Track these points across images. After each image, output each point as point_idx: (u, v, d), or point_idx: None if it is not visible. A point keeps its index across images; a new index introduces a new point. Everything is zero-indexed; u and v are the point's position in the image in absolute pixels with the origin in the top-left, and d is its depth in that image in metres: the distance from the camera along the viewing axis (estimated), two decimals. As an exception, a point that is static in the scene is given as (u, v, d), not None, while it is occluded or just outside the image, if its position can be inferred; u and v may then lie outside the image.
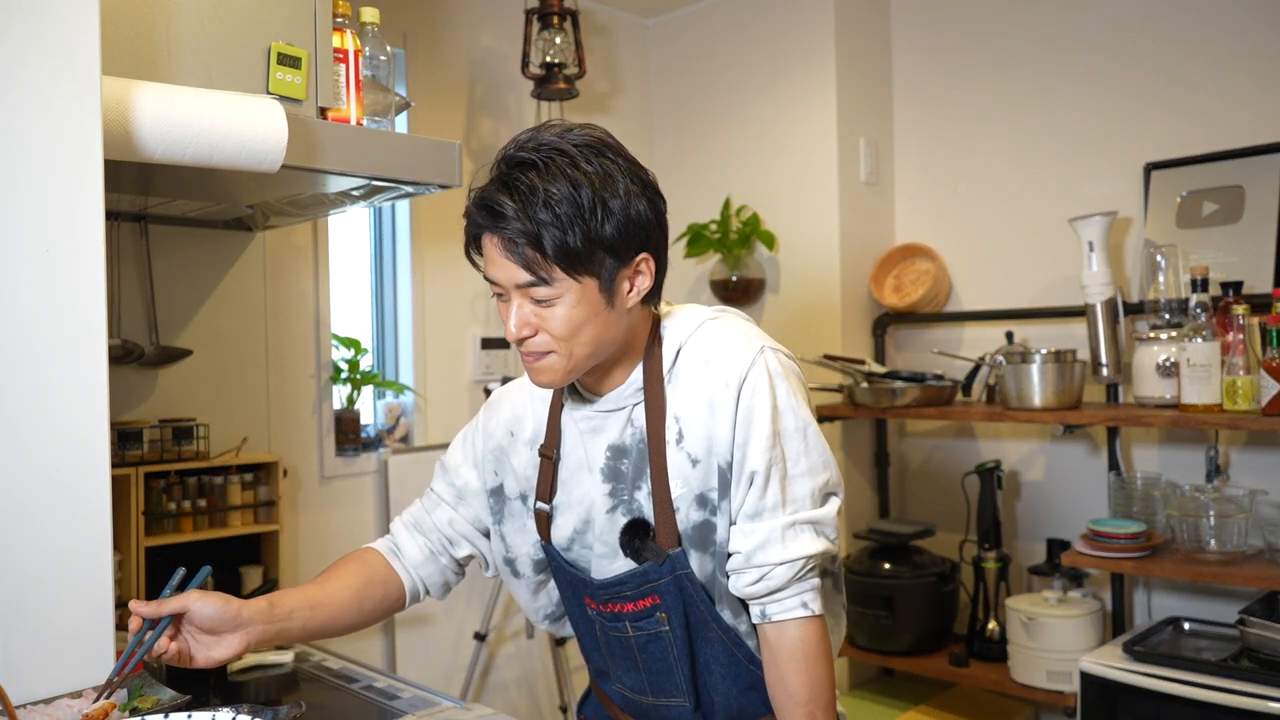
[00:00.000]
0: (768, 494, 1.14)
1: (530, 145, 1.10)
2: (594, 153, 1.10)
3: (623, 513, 1.19)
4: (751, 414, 1.13)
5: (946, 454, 3.02)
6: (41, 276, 1.15)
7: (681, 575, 1.17)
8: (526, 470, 1.29)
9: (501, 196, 1.07)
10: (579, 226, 1.06)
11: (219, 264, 2.28)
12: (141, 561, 1.96)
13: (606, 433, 1.21)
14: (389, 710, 1.57)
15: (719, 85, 3.23)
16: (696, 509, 1.16)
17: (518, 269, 1.08)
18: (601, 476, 1.21)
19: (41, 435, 1.15)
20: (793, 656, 1.14)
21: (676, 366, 1.18)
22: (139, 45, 1.37)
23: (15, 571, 1.13)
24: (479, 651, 2.68)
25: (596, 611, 1.24)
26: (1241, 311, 2.16)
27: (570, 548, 1.25)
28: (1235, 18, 2.47)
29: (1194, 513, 2.26)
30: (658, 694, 1.24)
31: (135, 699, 1.26)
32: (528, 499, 1.29)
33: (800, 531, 1.14)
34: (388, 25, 2.16)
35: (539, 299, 1.09)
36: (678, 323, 1.21)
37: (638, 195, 1.11)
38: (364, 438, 2.72)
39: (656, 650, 1.21)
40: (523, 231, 1.06)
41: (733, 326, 1.19)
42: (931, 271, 2.94)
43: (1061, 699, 2.40)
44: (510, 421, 1.32)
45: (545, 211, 1.05)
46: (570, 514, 1.24)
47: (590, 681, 1.41)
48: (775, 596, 1.14)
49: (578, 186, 1.06)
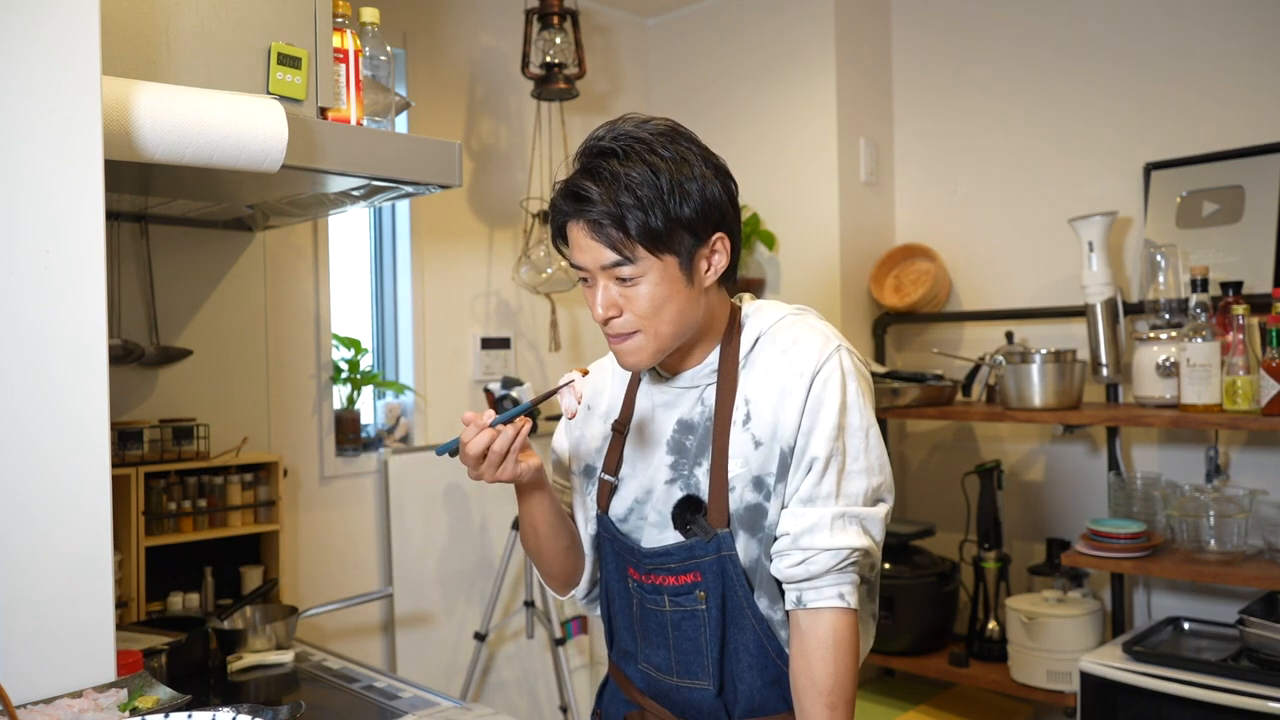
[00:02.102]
0: (824, 482, 1.17)
1: (609, 136, 1.17)
2: (669, 140, 1.16)
3: (680, 487, 1.24)
4: (820, 403, 1.17)
5: (946, 454, 3.02)
6: (41, 276, 1.15)
7: (725, 556, 1.20)
8: (596, 442, 1.35)
9: (586, 183, 1.14)
10: (659, 207, 1.12)
11: (219, 264, 2.28)
12: (141, 561, 1.96)
13: (678, 408, 1.27)
14: (389, 710, 1.57)
15: (719, 85, 3.23)
16: (752, 490, 1.20)
17: (604, 249, 1.14)
18: (666, 449, 1.26)
19: (42, 435, 1.15)
20: (823, 645, 1.16)
21: (753, 353, 1.23)
22: (139, 45, 1.37)
23: (15, 571, 1.13)
24: (479, 651, 2.68)
25: (638, 583, 1.28)
26: (1241, 311, 2.16)
27: (627, 518, 1.29)
28: (1235, 19, 2.47)
29: (1194, 513, 2.26)
30: (683, 675, 1.27)
31: (135, 699, 1.26)
32: (593, 473, 1.34)
33: (849, 524, 1.17)
34: (388, 25, 2.17)
35: (623, 278, 1.15)
36: (760, 314, 1.26)
37: (711, 179, 1.17)
38: (364, 438, 2.72)
39: (689, 629, 1.24)
40: (607, 214, 1.13)
41: (813, 323, 1.24)
42: (931, 271, 2.94)
43: (1061, 699, 2.40)
44: (589, 395, 1.38)
45: (628, 195, 1.12)
46: (633, 483, 1.29)
47: (609, 667, 1.43)
48: (814, 583, 1.17)
49: (656, 171, 1.13)
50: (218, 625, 1.87)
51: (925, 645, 2.76)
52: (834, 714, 1.15)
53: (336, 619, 2.52)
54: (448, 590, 2.79)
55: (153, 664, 1.63)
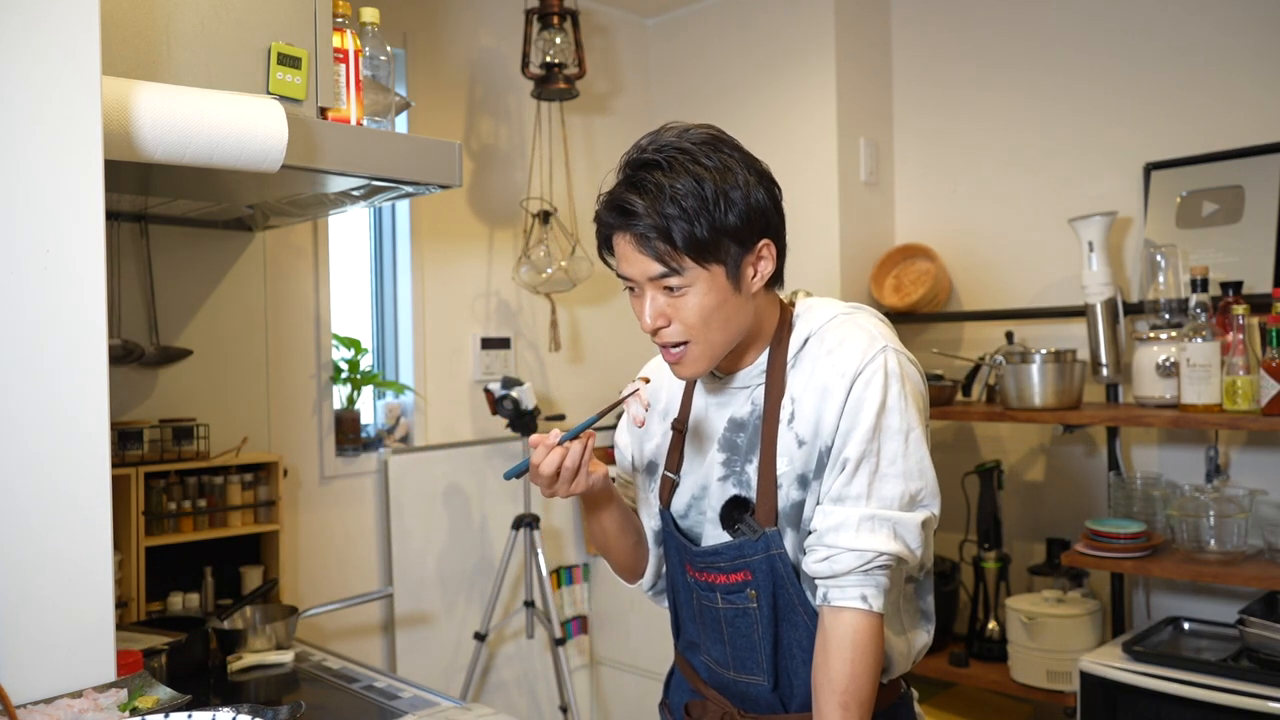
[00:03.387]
0: (855, 482, 1.17)
1: (652, 148, 1.17)
2: (712, 149, 1.17)
3: (733, 484, 1.25)
4: (860, 405, 1.17)
5: (946, 454, 3.02)
6: (41, 276, 1.15)
7: (775, 555, 1.21)
8: (657, 440, 1.37)
9: (631, 196, 1.14)
10: (705, 218, 1.13)
11: (219, 264, 2.28)
12: (142, 561, 1.96)
13: (731, 407, 1.28)
14: (389, 710, 1.57)
15: (719, 85, 3.23)
16: (797, 488, 1.21)
17: (650, 262, 1.15)
18: (718, 446, 1.28)
19: (42, 435, 1.15)
20: (841, 644, 1.17)
21: (803, 353, 1.24)
22: (139, 45, 1.37)
23: (15, 571, 1.13)
24: (479, 651, 2.68)
25: (694, 580, 1.29)
26: (1241, 311, 2.16)
27: (687, 514, 1.31)
28: (1236, 18, 2.47)
29: (1194, 513, 2.26)
30: (739, 669, 1.28)
31: (135, 699, 1.26)
32: (655, 470, 1.36)
33: (879, 526, 1.17)
34: (388, 25, 2.16)
35: (671, 288, 1.16)
36: (812, 314, 1.26)
37: (755, 185, 1.19)
38: (364, 438, 2.72)
39: (742, 626, 1.25)
40: (653, 226, 1.13)
41: (863, 323, 1.23)
42: (931, 271, 2.94)
43: (1061, 699, 2.40)
44: (649, 393, 1.38)
45: (673, 206, 1.12)
46: (690, 480, 1.31)
47: (675, 655, 1.45)
48: (837, 581, 1.17)
49: (701, 181, 1.13)
50: (218, 625, 1.87)
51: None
52: (846, 713, 1.16)
53: (336, 619, 2.52)
54: (448, 590, 2.79)
55: (153, 664, 1.63)
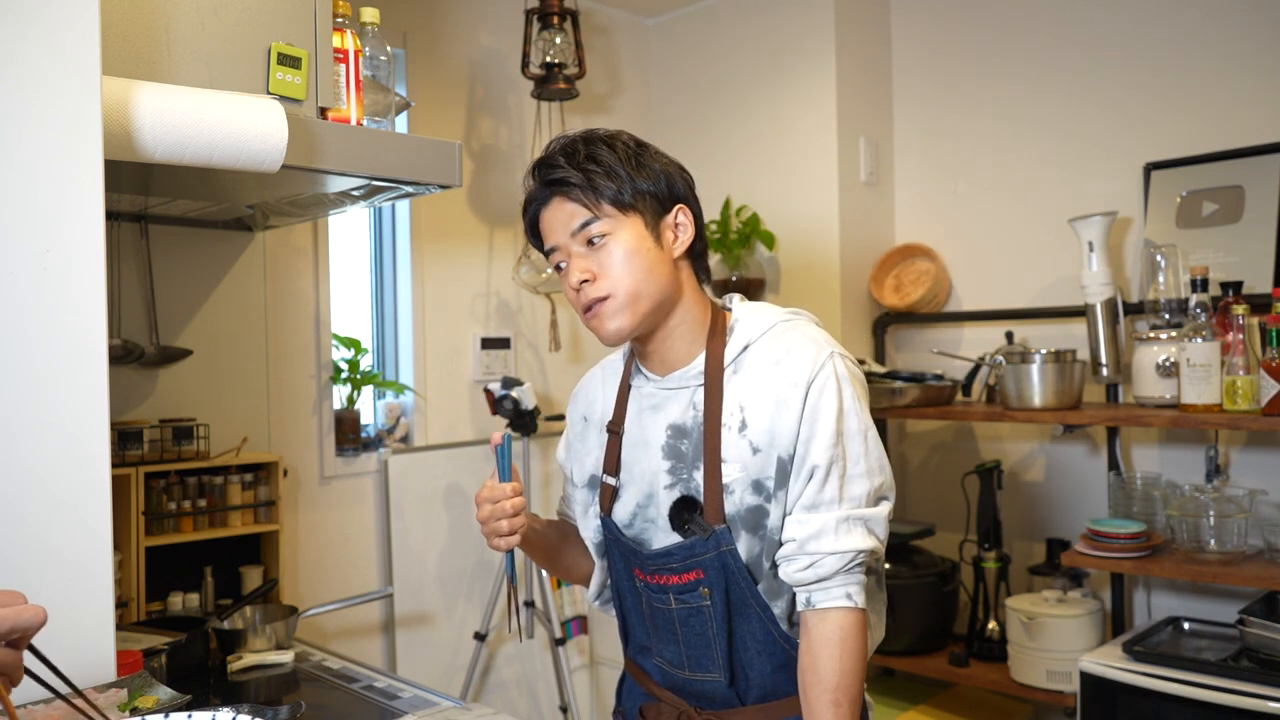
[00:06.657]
0: (826, 488, 1.21)
1: (568, 135, 1.29)
2: (626, 136, 1.29)
3: (680, 490, 1.27)
4: (818, 412, 1.21)
5: (946, 454, 3.02)
6: (41, 276, 1.15)
7: (725, 552, 1.23)
8: (596, 451, 1.38)
9: (556, 158, 1.26)
10: (622, 171, 1.23)
11: (219, 264, 2.28)
12: (142, 561, 1.96)
13: (667, 411, 1.30)
14: (389, 710, 1.57)
15: (718, 85, 3.23)
16: (751, 494, 1.23)
17: (574, 209, 1.23)
18: (662, 454, 1.29)
19: (41, 435, 1.15)
20: (829, 643, 1.19)
21: (743, 359, 1.27)
22: (139, 45, 1.37)
23: (15, 572, 1.13)
24: (479, 651, 2.68)
25: (644, 583, 1.31)
26: (1241, 311, 2.16)
27: (632, 523, 1.32)
28: (1236, 17, 2.47)
29: (1194, 513, 2.26)
30: (694, 668, 1.30)
31: (135, 699, 1.26)
32: (596, 482, 1.38)
33: (854, 526, 1.21)
34: (388, 25, 2.17)
35: (593, 237, 1.23)
36: (750, 320, 1.30)
37: (668, 162, 1.30)
38: (364, 438, 2.72)
39: (697, 625, 1.27)
40: (575, 182, 1.23)
41: (805, 330, 1.28)
42: (931, 271, 2.94)
43: (1061, 699, 2.40)
44: (584, 407, 1.43)
45: (592, 164, 1.23)
46: (633, 489, 1.32)
47: (626, 662, 1.45)
48: (823, 584, 1.20)
49: (614, 148, 1.25)
50: (218, 625, 1.87)
51: (925, 645, 2.76)
52: (838, 710, 1.17)
53: (336, 619, 2.52)
54: (448, 590, 2.79)
55: (153, 664, 1.63)
